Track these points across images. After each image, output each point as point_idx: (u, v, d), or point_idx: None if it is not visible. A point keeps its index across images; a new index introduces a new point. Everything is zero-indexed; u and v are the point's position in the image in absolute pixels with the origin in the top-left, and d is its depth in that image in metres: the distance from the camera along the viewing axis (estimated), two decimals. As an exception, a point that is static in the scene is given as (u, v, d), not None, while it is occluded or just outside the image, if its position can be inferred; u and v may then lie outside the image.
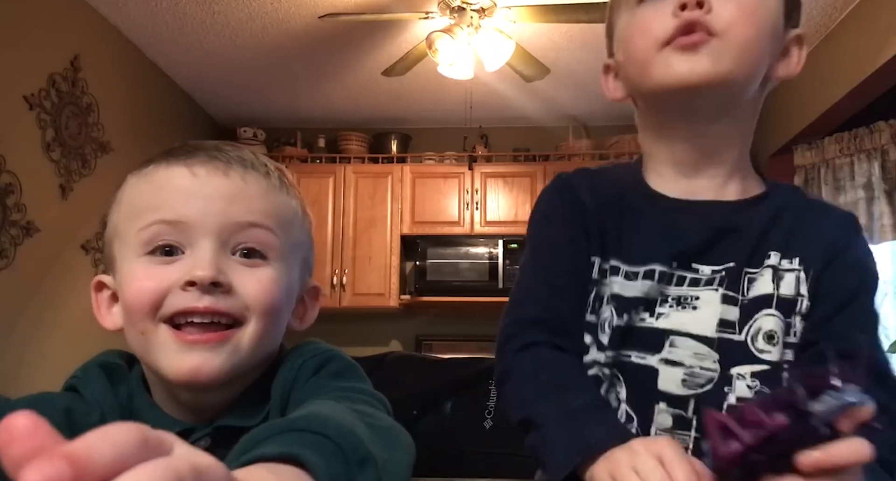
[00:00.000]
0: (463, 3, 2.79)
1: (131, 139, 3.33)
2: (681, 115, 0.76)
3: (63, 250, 2.88)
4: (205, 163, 0.66)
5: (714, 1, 0.71)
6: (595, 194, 0.81)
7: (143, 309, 0.63)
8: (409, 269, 4.17)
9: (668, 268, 0.76)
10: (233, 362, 0.64)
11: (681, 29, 0.71)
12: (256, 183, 0.68)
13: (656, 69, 0.73)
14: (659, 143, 0.81)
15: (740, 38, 0.71)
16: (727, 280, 0.74)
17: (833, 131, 3.37)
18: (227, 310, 0.64)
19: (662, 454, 0.54)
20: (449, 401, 1.89)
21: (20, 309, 2.64)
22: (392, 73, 3.19)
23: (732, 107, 0.76)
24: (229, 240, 0.65)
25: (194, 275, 0.62)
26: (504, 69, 3.02)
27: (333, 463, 0.45)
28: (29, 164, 2.64)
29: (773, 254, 0.75)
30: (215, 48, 3.43)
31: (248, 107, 4.19)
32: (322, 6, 2.99)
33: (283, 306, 0.68)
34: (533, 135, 4.33)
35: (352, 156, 4.21)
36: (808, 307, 0.74)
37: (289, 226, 0.70)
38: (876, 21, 2.78)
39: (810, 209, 0.79)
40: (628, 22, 0.78)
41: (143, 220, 0.65)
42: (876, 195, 3.18)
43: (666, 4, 0.73)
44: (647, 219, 0.78)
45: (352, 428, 0.50)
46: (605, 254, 0.78)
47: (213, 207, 0.65)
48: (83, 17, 2.99)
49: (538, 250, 0.83)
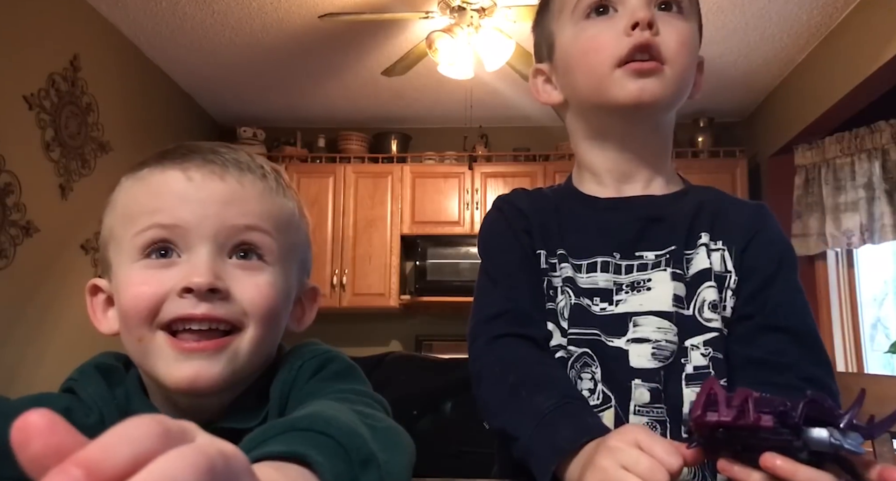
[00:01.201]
0: (463, 3, 2.79)
1: (131, 139, 3.33)
2: (622, 126, 0.84)
3: (63, 250, 2.88)
4: (200, 167, 0.66)
5: (659, 24, 0.79)
6: (533, 202, 0.89)
7: (139, 315, 0.62)
8: (409, 269, 4.17)
9: (612, 258, 0.81)
10: (231, 369, 0.63)
11: (636, 49, 0.77)
12: (252, 185, 0.67)
13: (611, 87, 0.79)
14: (595, 150, 0.87)
15: (681, 67, 0.79)
16: (672, 261, 0.80)
17: (833, 131, 3.37)
18: (225, 316, 0.63)
19: (638, 440, 0.56)
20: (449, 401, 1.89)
21: (20, 309, 2.63)
22: (392, 72, 3.19)
23: (664, 121, 0.85)
24: (226, 243, 0.65)
25: (191, 281, 0.61)
26: (504, 69, 3.02)
27: (337, 463, 0.45)
28: (28, 164, 2.64)
29: (703, 234, 0.82)
30: (215, 48, 3.43)
31: (248, 107, 4.19)
32: (322, 6, 2.99)
33: (281, 310, 0.67)
34: (533, 135, 4.33)
35: (352, 156, 4.21)
36: (737, 282, 0.80)
37: (286, 228, 0.69)
38: (876, 21, 2.78)
39: (727, 201, 0.87)
40: (576, 36, 0.83)
41: (139, 225, 0.64)
42: (877, 195, 3.18)
43: (615, 22, 0.80)
44: (583, 218, 0.85)
45: (355, 429, 0.50)
46: (549, 247, 0.84)
47: (209, 211, 0.64)
48: (83, 16, 2.99)
49: (488, 256, 0.89)
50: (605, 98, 0.80)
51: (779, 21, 3.09)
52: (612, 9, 0.81)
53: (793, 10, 3.01)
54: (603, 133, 0.86)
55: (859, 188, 3.25)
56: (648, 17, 0.77)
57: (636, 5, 0.79)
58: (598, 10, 0.81)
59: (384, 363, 2.05)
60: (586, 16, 0.82)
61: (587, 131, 0.87)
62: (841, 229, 3.31)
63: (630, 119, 0.82)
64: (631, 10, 0.79)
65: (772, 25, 3.12)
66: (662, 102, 0.80)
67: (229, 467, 0.26)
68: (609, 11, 0.81)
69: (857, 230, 3.24)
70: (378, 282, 4.01)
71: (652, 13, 0.78)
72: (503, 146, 4.30)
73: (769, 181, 3.87)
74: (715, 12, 3.02)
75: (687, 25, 0.81)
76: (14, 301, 2.59)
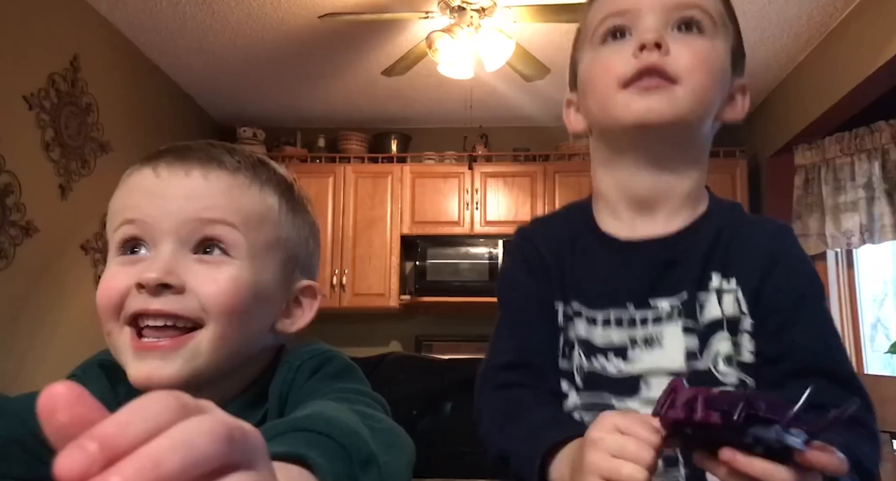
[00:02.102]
0: (463, 3, 2.79)
1: (131, 139, 3.33)
2: (635, 150, 0.80)
3: (63, 250, 2.88)
4: (170, 164, 0.66)
5: (671, 43, 0.76)
6: (549, 241, 0.86)
7: (106, 310, 0.64)
8: (409, 269, 4.17)
9: (626, 309, 0.78)
10: (191, 368, 0.62)
11: (641, 71, 0.76)
12: (218, 180, 0.66)
13: (616, 107, 0.78)
14: (612, 179, 0.84)
15: (696, 85, 0.76)
16: (684, 310, 0.77)
17: (833, 131, 3.37)
18: (180, 312, 0.62)
19: (617, 425, 0.57)
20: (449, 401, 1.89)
21: (20, 309, 2.63)
22: (392, 72, 3.19)
23: (683, 145, 0.80)
24: (189, 238, 0.64)
25: (142, 277, 0.61)
26: (504, 69, 3.02)
27: (337, 464, 0.45)
28: (28, 164, 2.64)
29: (714, 275, 0.78)
30: (215, 48, 3.43)
31: (248, 107, 4.19)
32: (322, 6, 2.99)
33: (248, 308, 0.65)
34: (533, 135, 4.33)
35: (352, 156, 4.20)
36: (753, 325, 0.76)
37: (259, 224, 0.67)
38: (876, 21, 2.78)
39: (746, 226, 0.82)
40: (591, 60, 0.82)
41: (115, 222, 0.66)
42: (876, 195, 3.18)
43: (627, 46, 0.78)
44: (598, 262, 0.82)
45: (356, 429, 0.50)
46: (566, 297, 0.82)
47: (170, 206, 0.64)
48: (83, 16, 2.98)
49: (506, 300, 0.88)
50: (612, 119, 0.79)
51: (779, 21, 3.09)
52: (628, 33, 0.79)
53: (793, 11, 3.01)
54: (615, 157, 0.83)
55: (859, 188, 3.25)
56: (655, 38, 0.75)
57: (647, 27, 0.77)
58: (614, 35, 0.80)
59: (384, 363, 2.05)
60: (603, 41, 0.81)
61: (601, 156, 0.86)
62: (841, 229, 3.31)
63: (639, 141, 0.79)
64: (641, 32, 0.78)
65: (772, 25, 3.12)
66: (673, 122, 0.76)
67: (247, 441, 0.26)
68: (625, 36, 0.80)
69: (857, 230, 3.24)
70: (378, 282, 4.01)
71: (660, 34, 0.76)
72: (503, 146, 4.30)
73: (769, 181, 3.87)
74: (715, 12, 3.02)
75: (707, 43, 0.78)
76: (14, 301, 2.59)
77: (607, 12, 0.81)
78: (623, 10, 0.80)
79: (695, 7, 0.79)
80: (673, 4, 0.78)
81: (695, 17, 0.78)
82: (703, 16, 0.79)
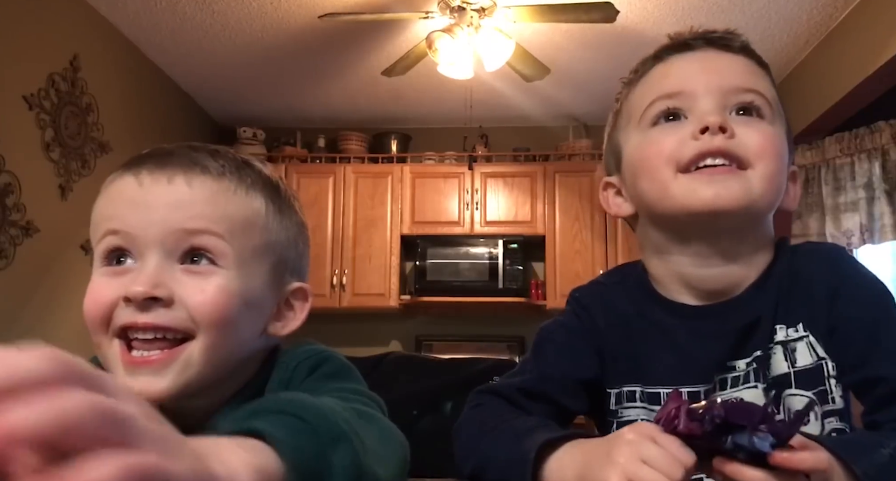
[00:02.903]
0: (463, 3, 2.79)
1: (131, 139, 3.33)
2: (699, 240, 0.75)
3: (63, 250, 2.88)
4: (152, 171, 0.64)
5: (734, 126, 0.72)
6: (609, 316, 0.81)
7: (94, 322, 0.63)
8: (409, 269, 4.17)
9: (700, 386, 0.74)
10: (184, 379, 0.62)
11: (704, 154, 0.71)
12: (202, 187, 0.64)
13: (679, 192, 0.73)
14: (670, 268, 0.79)
15: (767, 170, 0.72)
16: (760, 369, 0.73)
17: (833, 131, 3.37)
18: (170, 324, 0.61)
19: (653, 435, 0.55)
20: (449, 401, 1.88)
21: (20, 309, 2.63)
22: (392, 72, 3.19)
23: (752, 233, 0.76)
24: (175, 249, 0.63)
25: (129, 290, 0.60)
26: (504, 69, 3.01)
27: (301, 439, 0.44)
28: (28, 164, 2.64)
29: (778, 328, 0.74)
30: (215, 48, 3.43)
31: (248, 107, 4.19)
32: (322, 6, 2.99)
33: (238, 316, 0.64)
34: (533, 135, 4.33)
35: (352, 156, 4.20)
36: (836, 367, 0.72)
37: (247, 230, 0.66)
38: (876, 21, 2.78)
39: (799, 265, 0.77)
40: (641, 142, 0.78)
41: (99, 232, 0.65)
42: (876, 195, 3.18)
43: (683, 127, 0.74)
44: (668, 334, 0.77)
45: (329, 411, 0.49)
46: (619, 379, 0.78)
47: (155, 216, 0.63)
48: (83, 16, 2.98)
49: (542, 348, 0.84)
50: (673, 205, 0.73)
51: (779, 21, 3.09)
52: (683, 116, 0.75)
53: (793, 10, 3.01)
54: (673, 246, 0.77)
55: (859, 188, 3.25)
56: (719, 120, 0.71)
57: (707, 110, 0.73)
58: (667, 118, 0.76)
59: (384, 363, 2.05)
60: (654, 123, 0.77)
61: (654, 243, 0.80)
62: (841, 229, 3.31)
63: (706, 229, 0.74)
64: (700, 115, 0.73)
65: (772, 25, 3.12)
66: (745, 209, 0.71)
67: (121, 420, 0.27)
68: (679, 118, 0.76)
69: (857, 230, 3.24)
70: (378, 282, 4.01)
71: (724, 117, 0.73)
72: (503, 146, 4.30)
73: (769, 181, 3.87)
74: (715, 12, 3.02)
75: (770, 128, 0.75)
76: (14, 301, 2.59)
77: (658, 94, 0.77)
78: (676, 93, 0.76)
79: (754, 92, 0.76)
80: (731, 88, 0.75)
81: (754, 102, 0.75)
82: (762, 101, 0.76)
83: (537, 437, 0.64)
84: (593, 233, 3.98)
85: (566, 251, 3.97)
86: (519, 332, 4.11)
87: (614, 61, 3.45)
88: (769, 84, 0.79)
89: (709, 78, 0.76)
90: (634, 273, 0.85)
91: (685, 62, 0.79)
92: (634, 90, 0.82)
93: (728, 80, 0.76)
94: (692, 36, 0.80)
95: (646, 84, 0.80)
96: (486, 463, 0.70)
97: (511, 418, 0.74)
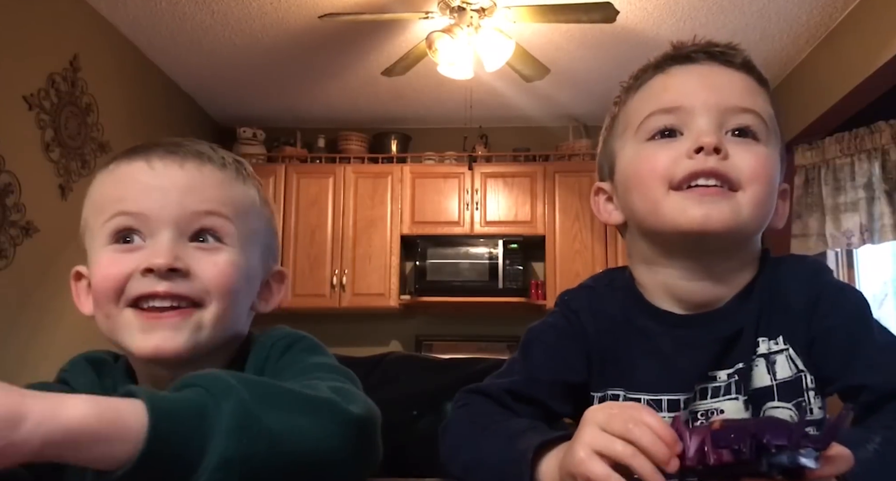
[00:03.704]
0: (463, 3, 2.79)
1: (131, 139, 3.32)
2: (686, 257, 0.76)
3: (63, 250, 2.88)
4: (163, 157, 0.71)
5: (728, 147, 0.73)
6: (598, 320, 0.82)
7: (107, 293, 0.68)
8: (409, 269, 4.17)
9: (682, 395, 0.74)
10: (195, 340, 0.68)
11: (697, 174, 0.72)
12: (212, 174, 0.72)
13: (669, 210, 0.74)
14: (656, 280, 0.80)
15: (757, 194, 0.73)
16: (742, 381, 0.74)
17: (833, 131, 3.37)
18: (187, 293, 0.68)
19: (611, 406, 0.55)
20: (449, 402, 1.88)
21: (20, 309, 2.63)
22: (392, 73, 3.19)
23: (738, 253, 0.77)
24: (187, 228, 0.69)
25: (152, 262, 0.66)
26: (504, 69, 3.01)
27: (186, 392, 0.51)
28: (28, 164, 2.64)
29: (761, 341, 0.75)
30: (215, 48, 3.43)
31: (248, 107, 4.19)
32: (322, 6, 2.99)
33: (241, 289, 0.72)
34: (533, 135, 4.33)
35: (352, 156, 4.20)
36: (814, 379, 0.73)
37: (246, 215, 0.74)
38: (876, 21, 2.78)
39: (780, 278, 0.78)
40: (635, 156, 0.78)
41: (107, 213, 0.70)
42: (876, 195, 3.18)
43: (679, 144, 0.74)
44: (653, 342, 0.78)
45: (217, 375, 0.53)
46: (605, 384, 0.79)
47: (169, 199, 0.69)
48: (83, 16, 2.98)
49: (530, 349, 0.84)
50: (663, 223, 0.74)
51: (779, 21, 3.09)
52: (679, 133, 0.76)
53: (793, 10, 3.01)
54: (660, 260, 0.79)
55: (859, 188, 3.25)
56: (714, 141, 0.72)
57: (703, 129, 0.74)
58: (663, 134, 0.76)
59: (384, 363, 2.05)
60: (650, 138, 0.77)
61: (643, 255, 0.81)
62: (841, 229, 3.31)
63: (693, 248, 0.75)
64: (696, 134, 0.74)
65: (772, 25, 3.12)
66: (733, 231, 0.72)
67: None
68: (675, 135, 0.76)
69: (857, 230, 3.24)
70: (378, 282, 4.01)
71: (720, 138, 0.73)
72: (503, 146, 4.30)
73: (769, 181, 3.87)
74: (715, 12, 3.02)
75: (764, 150, 0.75)
76: (14, 301, 2.59)
77: (656, 108, 0.77)
78: (673, 108, 0.76)
79: (751, 112, 0.76)
80: (729, 107, 0.75)
81: (751, 125, 0.75)
82: (758, 122, 0.76)
83: (532, 438, 0.63)
84: (593, 234, 3.98)
85: (566, 251, 3.97)
86: (519, 332, 4.05)
87: (614, 61, 3.45)
88: (767, 102, 0.79)
89: (707, 95, 0.76)
90: (622, 277, 0.85)
91: (685, 76, 0.78)
92: (633, 98, 0.81)
93: (726, 99, 0.75)
94: (694, 48, 0.80)
95: (645, 94, 0.80)
96: (478, 464, 0.70)
97: (502, 419, 0.74)
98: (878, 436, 0.60)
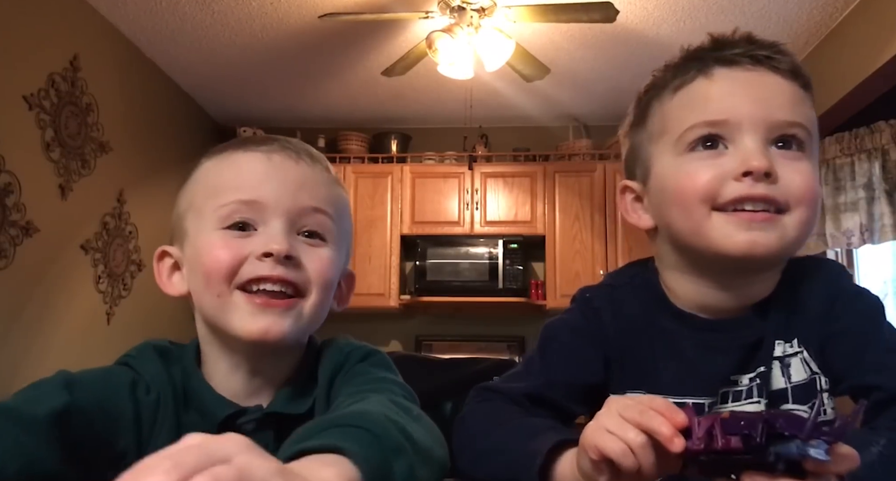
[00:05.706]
0: (463, 3, 2.79)
1: (131, 139, 3.33)
2: (721, 273, 0.75)
3: (63, 250, 2.88)
4: (279, 151, 0.75)
5: (777, 165, 0.70)
6: (619, 320, 0.80)
7: (219, 274, 0.71)
8: (409, 269, 4.17)
9: (705, 399, 0.74)
10: (297, 327, 0.72)
11: (745, 199, 0.69)
12: (321, 173, 0.77)
13: (712, 233, 0.71)
14: (686, 286, 0.78)
15: (805, 216, 0.71)
16: (763, 385, 0.74)
17: (833, 131, 3.36)
18: (295, 280, 0.72)
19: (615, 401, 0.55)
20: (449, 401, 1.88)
21: (20, 309, 2.63)
22: (392, 72, 3.19)
23: (775, 268, 0.76)
24: (297, 221, 0.73)
25: (271, 247, 0.70)
26: (504, 69, 3.01)
27: (371, 450, 0.50)
28: (28, 164, 2.64)
29: (776, 344, 0.74)
30: (215, 48, 3.43)
31: (248, 106, 4.18)
32: (322, 6, 2.99)
33: (335, 283, 0.77)
34: (533, 135, 4.33)
35: (352, 156, 4.20)
36: (829, 381, 0.73)
37: (342, 215, 0.79)
38: (876, 21, 2.78)
39: (797, 277, 0.77)
40: (676, 170, 0.74)
41: (223, 198, 0.73)
42: (876, 195, 3.17)
43: (724, 161, 0.71)
44: (676, 344, 0.77)
45: (388, 421, 0.55)
46: (624, 386, 0.78)
47: (285, 190, 0.73)
48: (83, 16, 2.98)
49: (548, 349, 0.83)
50: (707, 245, 0.72)
51: (779, 21, 3.09)
52: (723, 145, 0.72)
53: (793, 10, 3.01)
54: (692, 270, 0.77)
55: (859, 188, 3.25)
56: (765, 166, 0.69)
57: (752, 149, 0.70)
58: (705, 144, 0.73)
59: (384, 363, 2.05)
60: (691, 148, 0.73)
61: (672, 261, 0.79)
62: (841, 229, 3.31)
63: (734, 269, 0.73)
64: (745, 154, 0.70)
65: (772, 25, 3.12)
66: (779, 255, 0.72)
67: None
68: (718, 146, 0.72)
69: (857, 230, 3.24)
70: (378, 282, 4.01)
71: (770, 162, 0.69)
72: (503, 146, 4.30)
73: (769, 181, 3.87)
74: (715, 12, 3.02)
75: (809, 166, 0.72)
76: (14, 301, 2.59)
77: (699, 120, 0.73)
78: (719, 122, 0.72)
79: (798, 126, 0.73)
80: (778, 123, 0.72)
81: (797, 135, 0.73)
82: (804, 134, 0.73)
83: (550, 437, 0.64)
84: (593, 233, 3.98)
85: (566, 251, 3.97)
86: (519, 332, 4.11)
87: (614, 61, 3.45)
88: (811, 107, 0.76)
89: (754, 108, 0.72)
90: (643, 274, 0.84)
91: (730, 84, 0.74)
92: (673, 100, 0.77)
93: (774, 113, 0.72)
94: (739, 49, 0.75)
95: (686, 99, 0.76)
96: (491, 456, 0.70)
97: (520, 416, 0.75)
98: (883, 438, 0.60)
